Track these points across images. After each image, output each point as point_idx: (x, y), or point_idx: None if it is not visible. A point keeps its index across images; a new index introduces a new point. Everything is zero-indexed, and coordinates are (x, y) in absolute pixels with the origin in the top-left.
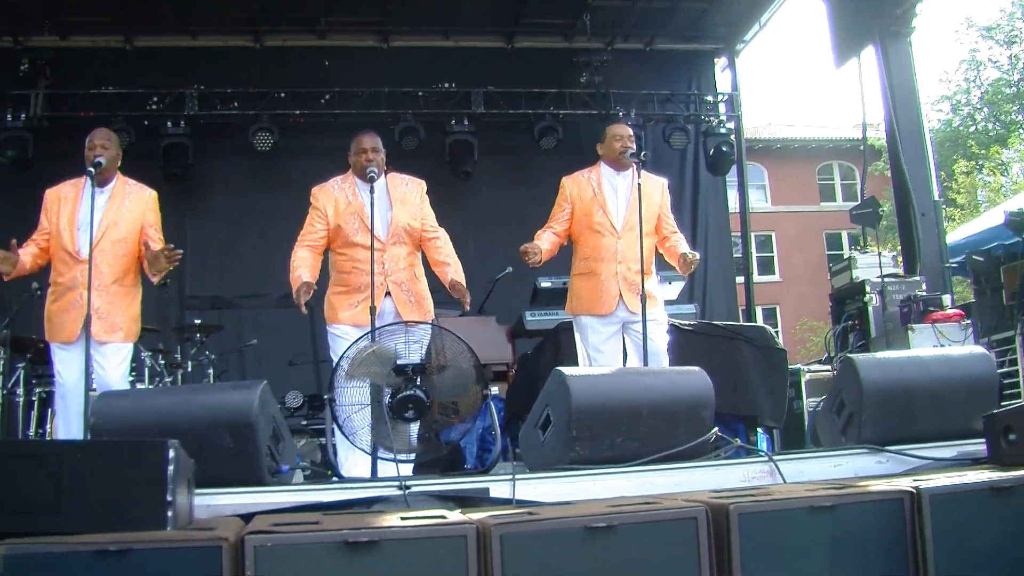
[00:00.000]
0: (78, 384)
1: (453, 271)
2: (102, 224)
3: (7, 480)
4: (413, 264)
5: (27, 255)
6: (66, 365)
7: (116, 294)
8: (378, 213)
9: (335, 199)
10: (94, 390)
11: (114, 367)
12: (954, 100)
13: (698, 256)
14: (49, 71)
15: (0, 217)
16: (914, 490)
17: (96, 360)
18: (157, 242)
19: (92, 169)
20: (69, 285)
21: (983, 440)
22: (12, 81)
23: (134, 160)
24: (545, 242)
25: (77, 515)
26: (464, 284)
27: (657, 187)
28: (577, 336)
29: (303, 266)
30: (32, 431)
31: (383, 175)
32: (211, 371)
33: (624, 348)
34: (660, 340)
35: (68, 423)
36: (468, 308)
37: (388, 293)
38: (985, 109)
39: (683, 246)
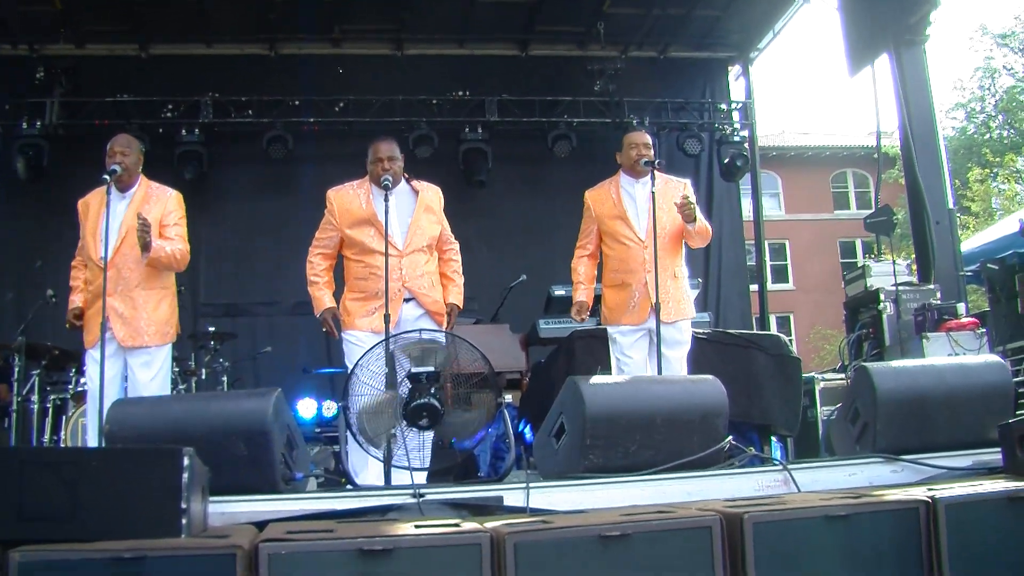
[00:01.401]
0: (107, 388)
1: (455, 294)
2: (121, 230)
3: (23, 487)
4: (431, 271)
5: (81, 297)
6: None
7: (140, 298)
8: (397, 220)
9: (349, 204)
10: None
11: (143, 372)
12: (968, 108)
13: (692, 199)
14: (65, 79)
15: (18, 223)
16: (930, 500)
17: (129, 366)
18: (175, 239)
19: (107, 176)
20: (96, 293)
21: (999, 449)
22: (28, 89)
23: (148, 167)
24: (585, 280)
25: (92, 522)
26: (460, 308)
27: (680, 189)
28: (612, 348)
29: (320, 283)
30: (47, 438)
31: (405, 182)
32: (225, 379)
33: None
34: (679, 366)
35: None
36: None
37: (406, 300)
38: (1000, 117)
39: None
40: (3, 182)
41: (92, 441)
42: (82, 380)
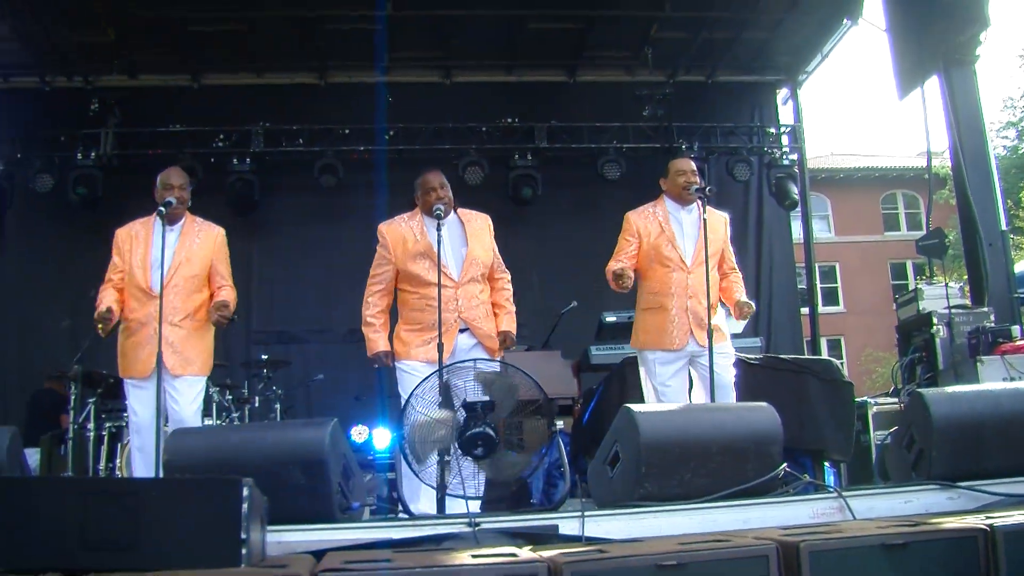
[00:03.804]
0: (153, 419)
1: (507, 321)
2: (175, 261)
3: (85, 517)
4: (485, 301)
5: (114, 303)
6: (140, 401)
7: (190, 328)
8: (451, 250)
9: (403, 237)
10: (167, 426)
11: (188, 402)
12: (1020, 126)
13: (753, 306)
14: (118, 110)
15: (73, 252)
16: (988, 527)
17: (170, 395)
18: (226, 279)
19: (163, 208)
20: (143, 321)
21: None
22: (83, 120)
23: (200, 196)
24: (629, 267)
25: (153, 552)
26: (513, 336)
27: (721, 222)
28: (643, 371)
29: (377, 324)
30: (103, 465)
31: (454, 212)
32: (278, 406)
33: (690, 381)
34: (727, 373)
35: (146, 458)
36: (500, 356)
37: (461, 330)
38: None
39: (740, 291)
40: (59, 212)
41: (138, 473)
42: None
